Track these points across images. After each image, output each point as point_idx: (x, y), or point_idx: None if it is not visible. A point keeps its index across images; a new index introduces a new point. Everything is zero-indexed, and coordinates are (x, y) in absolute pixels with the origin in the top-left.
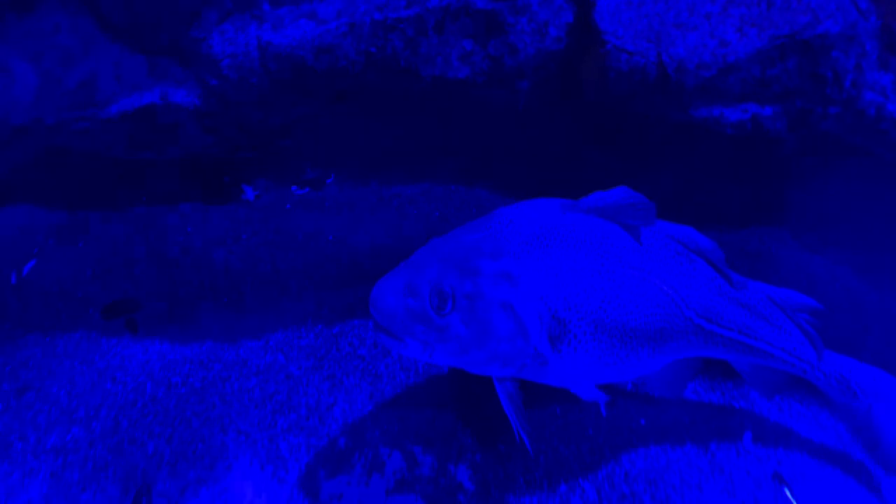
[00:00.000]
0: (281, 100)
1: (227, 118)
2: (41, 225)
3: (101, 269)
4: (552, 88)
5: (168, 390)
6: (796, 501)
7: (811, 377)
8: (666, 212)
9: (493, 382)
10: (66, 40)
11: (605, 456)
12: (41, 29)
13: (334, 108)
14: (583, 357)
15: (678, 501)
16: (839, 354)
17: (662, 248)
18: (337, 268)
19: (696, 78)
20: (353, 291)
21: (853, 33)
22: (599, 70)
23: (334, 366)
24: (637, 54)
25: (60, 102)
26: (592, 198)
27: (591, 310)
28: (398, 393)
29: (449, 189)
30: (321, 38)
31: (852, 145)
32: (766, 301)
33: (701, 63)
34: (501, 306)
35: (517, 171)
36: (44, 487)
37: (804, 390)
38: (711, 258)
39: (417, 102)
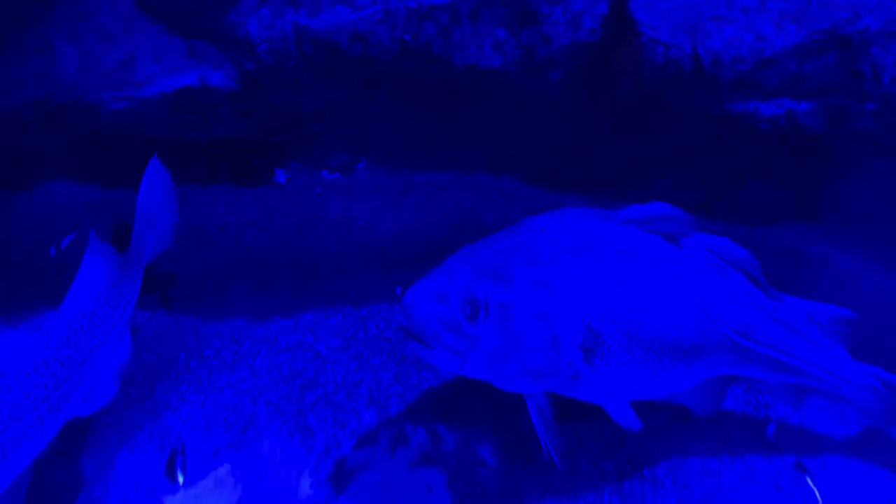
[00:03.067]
0: (315, 85)
1: (262, 102)
2: (79, 201)
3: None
4: (584, 79)
5: (201, 361)
6: (818, 490)
7: (845, 393)
8: (695, 206)
9: (525, 398)
10: (106, 21)
11: (628, 440)
12: (83, 10)
13: (367, 94)
14: (616, 370)
15: (698, 487)
16: (869, 365)
17: (699, 261)
18: (365, 252)
19: (731, 71)
20: (381, 276)
21: (893, 29)
22: (634, 62)
23: (361, 346)
24: (673, 46)
25: (100, 82)
26: (629, 210)
27: (626, 322)
28: (424, 375)
29: (476, 178)
30: (356, 24)
31: (889, 143)
32: (802, 316)
33: (737, 56)
34: (535, 316)
35: (546, 162)
36: None
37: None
38: (749, 271)
39: (448, 90)
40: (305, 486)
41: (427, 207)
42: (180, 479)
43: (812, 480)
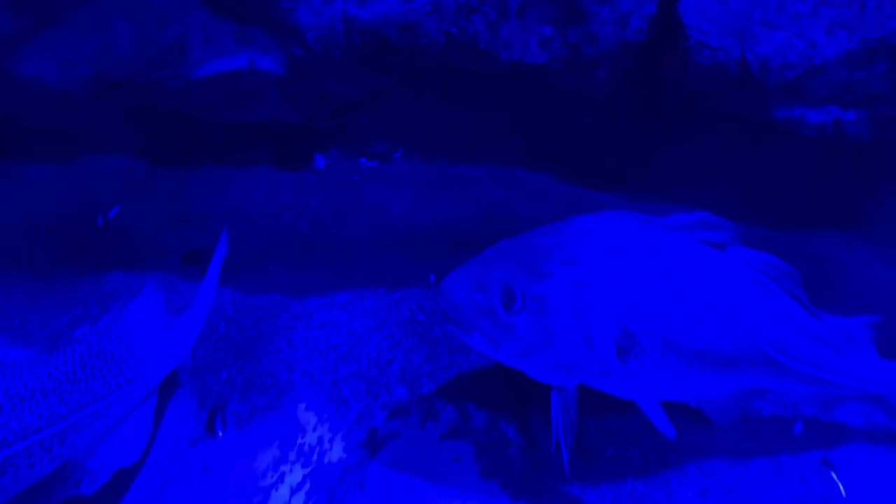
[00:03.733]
0: (360, 73)
1: (308, 88)
2: (126, 175)
3: (180, 219)
4: (629, 79)
5: (240, 331)
6: (843, 486)
7: (881, 396)
8: (734, 209)
9: (552, 390)
10: (161, 3)
11: (653, 429)
12: None
13: (409, 85)
14: (649, 372)
15: (723, 475)
16: None
17: (741, 274)
18: (400, 238)
19: (779, 78)
20: (415, 262)
21: None
22: (680, 64)
23: (394, 327)
24: (720, 50)
25: (153, 61)
26: (673, 217)
27: (662, 327)
28: (455, 357)
29: (513, 172)
30: (405, 15)
31: None
32: (841, 334)
33: (786, 63)
34: (570, 312)
35: (584, 160)
36: None
37: None
38: (790, 287)
39: (491, 84)
40: (339, 449)
41: (462, 198)
42: (219, 434)
43: (837, 476)
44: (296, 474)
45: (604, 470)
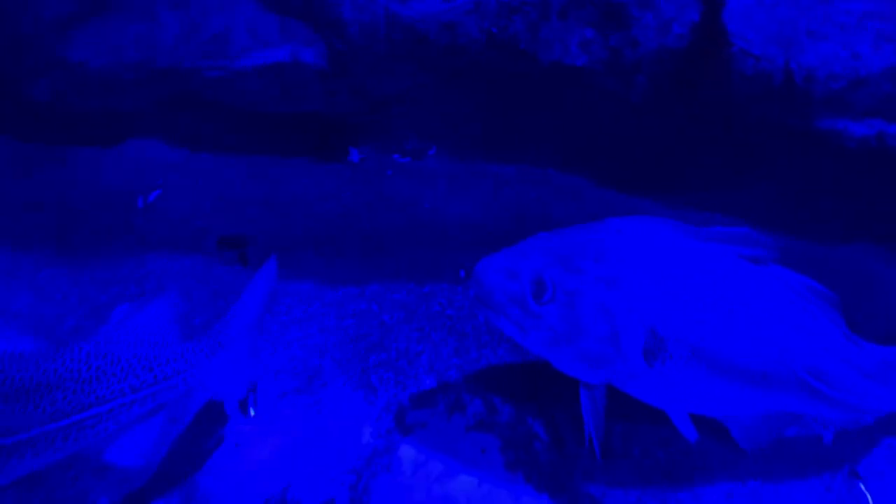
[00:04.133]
0: (399, 70)
1: (348, 82)
2: (167, 160)
3: (218, 205)
4: (668, 85)
5: (272, 316)
6: (870, 496)
7: None
8: (771, 219)
9: (580, 386)
10: None
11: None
12: None
13: (447, 82)
14: (676, 379)
15: (749, 479)
16: None
17: (777, 293)
18: (431, 234)
19: (824, 88)
20: (445, 258)
21: None
22: (722, 72)
23: (423, 320)
24: (764, 59)
25: (197, 51)
26: (713, 229)
27: (691, 335)
28: (483, 352)
29: (546, 173)
30: (446, 14)
31: None
32: (880, 362)
33: (831, 74)
34: (598, 309)
35: (620, 164)
36: None
37: None
38: (829, 313)
39: (529, 85)
40: (367, 434)
41: (494, 197)
42: (251, 412)
43: (865, 487)
44: (323, 454)
45: (630, 469)
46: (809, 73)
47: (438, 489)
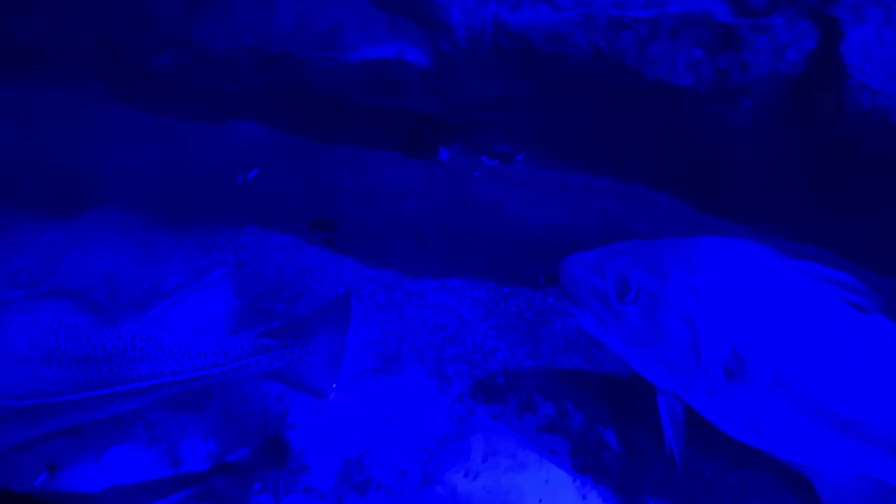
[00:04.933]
0: (501, 75)
1: (450, 83)
2: (266, 142)
3: (312, 189)
4: (775, 111)
5: (357, 300)
6: None
7: None
8: (863, 254)
9: (657, 396)
10: None
11: (759, 458)
12: None
13: (547, 90)
14: (756, 404)
15: None
16: None
17: (878, 345)
18: (514, 238)
19: None
20: (527, 262)
21: None
22: (835, 103)
23: (501, 320)
24: (882, 94)
25: (310, 41)
26: (815, 266)
27: (775, 361)
28: (557, 357)
29: (634, 188)
30: (555, 24)
31: None
32: None
33: None
34: (681, 316)
35: (710, 185)
36: None
37: None
38: None
39: (629, 100)
40: (441, 419)
41: (579, 207)
42: (333, 384)
43: None
44: (398, 430)
45: (701, 489)
46: None
47: (506, 480)
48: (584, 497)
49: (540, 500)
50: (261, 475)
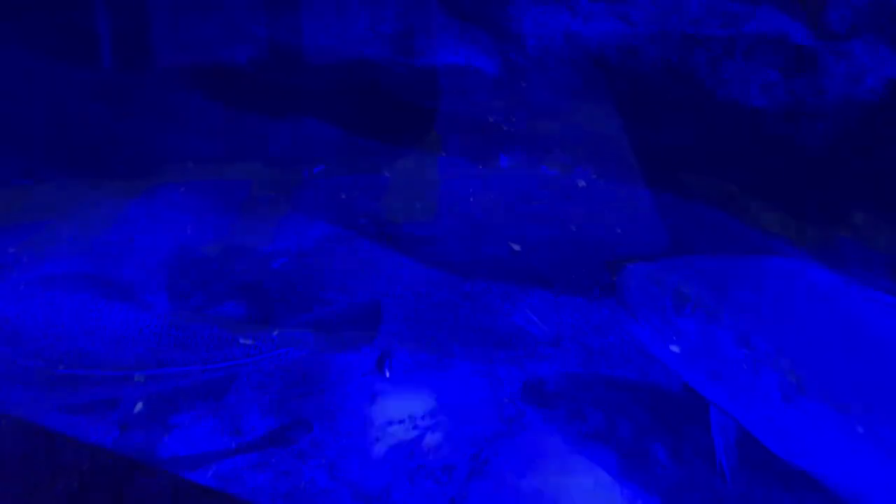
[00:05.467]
0: (568, 85)
1: (516, 91)
2: (332, 140)
3: (373, 188)
4: (850, 137)
5: (417, 299)
6: None
7: None
8: None
9: (710, 413)
10: None
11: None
12: None
13: (612, 103)
14: (812, 428)
15: None
16: None
17: None
18: (570, 248)
19: None
20: (581, 272)
21: None
22: None
23: (554, 328)
24: None
25: (382, 46)
26: (877, 293)
27: (833, 385)
28: (609, 368)
29: (693, 206)
30: (628, 38)
31: None
32: None
33: None
34: (738, 334)
35: (775, 207)
36: None
37: None
38: None
39: (697, 118)
40: (490, 417)
41: (638, 221)
42: (387, 373)
43: None
44: (449, 425)
45: None
46: None
47: (553, 482)
48: None
49: None
50: (318, 452)
